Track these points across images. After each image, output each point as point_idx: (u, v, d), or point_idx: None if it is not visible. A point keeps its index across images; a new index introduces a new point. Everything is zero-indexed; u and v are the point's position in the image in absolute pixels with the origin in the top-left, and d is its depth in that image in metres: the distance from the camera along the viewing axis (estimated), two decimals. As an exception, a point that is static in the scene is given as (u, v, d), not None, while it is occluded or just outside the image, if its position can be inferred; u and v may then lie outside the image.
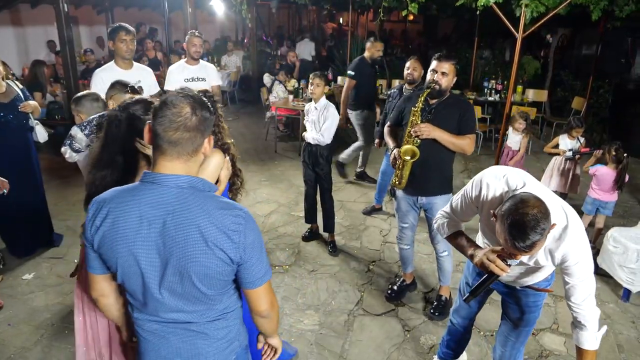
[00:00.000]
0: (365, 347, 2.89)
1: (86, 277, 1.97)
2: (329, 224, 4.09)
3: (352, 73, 5.22)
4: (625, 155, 3.95)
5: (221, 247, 1.22)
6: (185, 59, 4.35)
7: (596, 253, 3.68)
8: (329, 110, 3.73)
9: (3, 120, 3.38)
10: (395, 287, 3.39)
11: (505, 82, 7.64)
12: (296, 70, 8.78)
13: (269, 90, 7.67)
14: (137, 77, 3.44)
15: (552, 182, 4.70)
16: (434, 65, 2.78)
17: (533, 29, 5.15)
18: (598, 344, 1.78)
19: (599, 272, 3.62)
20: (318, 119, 3.77)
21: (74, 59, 5.45)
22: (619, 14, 5.69)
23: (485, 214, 1.88)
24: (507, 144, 4.99)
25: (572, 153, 4.52)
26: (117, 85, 2.69)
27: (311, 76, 3.79)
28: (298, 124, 7.11)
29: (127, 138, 1.78)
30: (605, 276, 3.60)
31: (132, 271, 1.26)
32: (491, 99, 7.61)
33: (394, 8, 8.02)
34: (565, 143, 4.59)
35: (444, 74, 2.74)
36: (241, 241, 1.25)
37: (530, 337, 2.28)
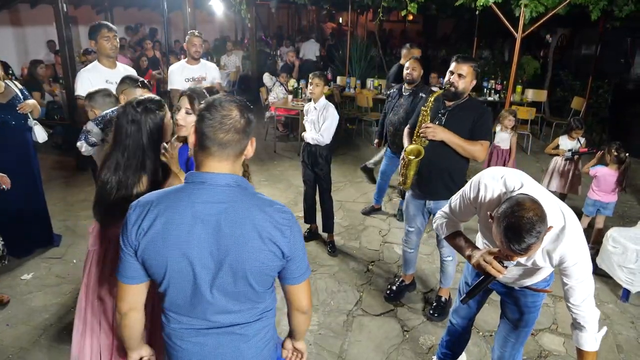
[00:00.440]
0: (364, 348, 2.89)
1: (91, 298, 1.98)
2: (328, 224, 4.08)
3: (391, 78, 4.96)
4: (627, 155, 3.95)
5: (275, 242, 1.26)
6: (186, 59, 4.35)
7: (595, 253, 3.68)
8: (328, 110, 3.73)
9: (1, 120, 3.37)
10: (394, 287, 3.39)
11: (505, 82, 7.65)
12: (295, 70, 8.78)
13: (269, 91, 7.66)
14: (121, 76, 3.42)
15: (552, 183, 4.69)
16: (452, 66, 2.72)
17: (532, 28, 5.16)
18: (598, 345, 1.77)
19: (598, 272, 3.62)
20: (317, 119, 3.76)
21: (73, 58, 5.45)
22: (619, 14, 5.69)
23: (483, 215, 1.88)
24: (495, 144, 4.88)
25: (571, 153, 4.52)
26: (127, 80, 2.74)
27: (310, 76, 3.78)
28: (297, 124, 7.11)
29: (145, 135, 1.80)
30: (604, 276, 3.59)
31: (182, 274, 1.25)
32: (490, 99, 7.61)
33: (393, 8, 8.03)
34: (565, 144, 4.59)
35: (460, 75, 2.67)
36: (291, 236, 1.29)
37: (529, 337, 2.28)
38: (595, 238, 4.12)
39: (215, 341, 1.33)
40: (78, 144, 2.79)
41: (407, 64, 4.16)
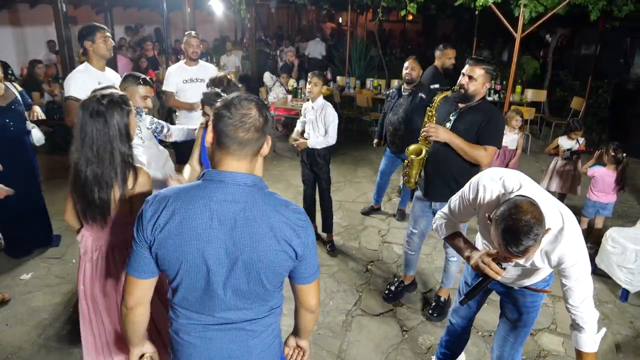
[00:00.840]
0: (364, 348, 2.89)
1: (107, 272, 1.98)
2: (328, 224, 4.09)
3: (437, 85, 4.62)
4: (625, 155, 3.94)
5: (290, 242, 1.27)
6: (184, 60, 4.34)
7: (595, 253, 3.68)
8: (326, 110, 3.72)
9: (1, 123, 3.35)
10: (392, 287, 3.39)
11: (504, 82, 7.64)
12: (295, 70, 8.78)
13: (268, 90, 7.66)
14: (112, 78, 3.39)
15: (551, 183, 4.69)
16: (465, 68, 2.70)
17: (532, 28, 5.15)
18: (597, 347, 1.77)
19: (597, 272, 3.62)
20: (316, 119, 3.75)
21: (73, 58, 5.45)
22: (618, 14, 5.69)
23: (482, 216, 1.88)
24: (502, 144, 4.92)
25: (569, 153, 4.53)
26: (130, 77, 2.73)
27: (309, 75, 3.78)
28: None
29: (112, 129, 1.77)
30: (603, 276, 3.60)
31: (196, 270, 1.26)
32: (490, 99, 7.61)
33: (393, 8, 8.03)
34: (565, 144, 4.59)
35: (471, 78, 2.64)
36: (305, 237, 1.31)
37: (528, 337, 2.28)
38: (594, 238, 4.13)
39: (223, 336, 1.34)
40: None
41: (406, 64, 4.17)
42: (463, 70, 2.70)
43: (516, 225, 1.50)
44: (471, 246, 1.95)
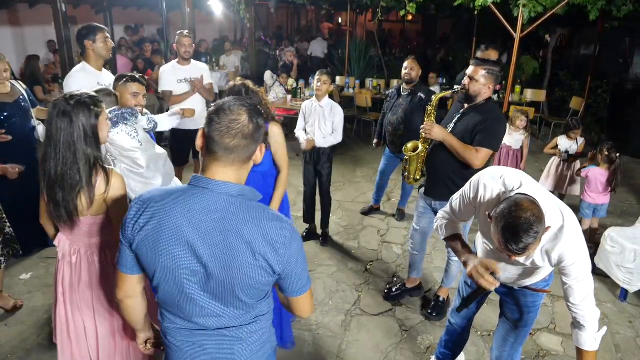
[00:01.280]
0: (363, 347, 2.89)
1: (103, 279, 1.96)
2: (326, 220, 4.16)
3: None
4: (618, 155, 3.93)
5: (267, 258, 1.22)
6: (177, 59, 4.29)
7: (593, 253, 3.68)
8: (336, 109, 3.80)
9: (9, 120, 3.40)
10: (393, 288, 3.39)
11: (504, 82, 7.65)
12: (294, 70, 8.78)
13: (268, 90, 7.65)
14: (108, 79, 3.39)
15: (549, 183, 4.69)
16: (468, 69, 2.71)
17: (531, 29, 5.16)
18: (598, 345, 1.77)
19: (596, 272, 3.61)
20: (325, 117, 3.79)
21: (72, 58, 5.45)
22: (617, 14, 5.70)
23: (482, 215, 1.89)
24: (505, 144, 4.84)
25: (567, 155, 4.52)
26: (119, 77, 2.72)
27: (319, 73, 3.81)
28: (296, 124, 7.10)
29: (76, 131, 1.74)
30: (602, 276, 3.60)
31: (170, 276, 1.24)
32: (490, 99, 7.61)
33: (392, 8, 8.02)
34: (564, 144, 4.59)
35: (472, 79, 2.65)
36: (286, 254, 1.24)
37: (527, 337, 2.29)
38: (591, 238, 4.13)
39: (208, 341, 1.32)
40: None
41: (405, 64, 4.17)
42: (466, 71, 2.72)
43: (516, 223, 1.51)
44: (468, 250, 1.96)
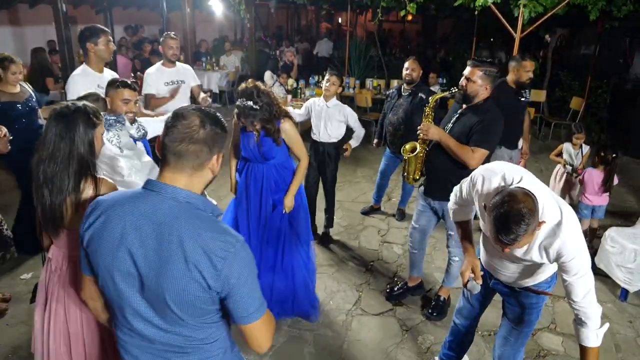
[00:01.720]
0: (364, 347, 2.90)
1: (72, 281, 1.95)
2: (331, 220, 4.20)
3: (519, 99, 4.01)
4: (614, 157, 3.91)
5: (200, 269, 1.15)
6: (162, 62, 4.21)
7: (593, 254, 3.67)
8: (346, 110, 3.91)
9: (18, 119, 3.50)
10: (395, 287, 3.39)
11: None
12: (294, 70, 8.78)
13: (268, 90, 7.65)
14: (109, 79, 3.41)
15: (555, 188, 4.63)
16: (465, 70, 2.72)
17: (531, 29, 5.17)
18: (600, 341, 1.77)
19: (596, 272, 3.62)
20: (331, 117, 3.84)
21: (73, 59, 5.45)
22: (617, 14, 5.71)
23: (480, 206, 1.93)
24: None
25: (571, 168, 4.46)
26: (110, 82, 2.68)
27: (328, 73, 3.84)
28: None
29: (76, 139, 1.74)
30: (602, 276, 3.60)
31: (110, 278, 1.23)
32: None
33: (392, 8, 8.03)
34: (569, 152, 4.45)
35: (469, 80, 2.66)
36: (224, 270, 1.16)
37: (529, 337, 2.29)
38: (591, 240, 4.12)
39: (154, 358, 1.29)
40: None
41: (406, 64, 4.17)
42: (464, 72, 2.74)
43: (508, 214, 1.54)
44: (466, 244, 2.11)
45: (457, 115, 2.79)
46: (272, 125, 2.68)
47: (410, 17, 6.09)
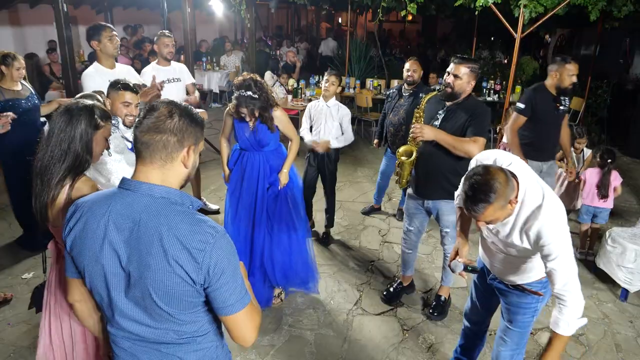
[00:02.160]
0: (364, 347, 2.90)
1: (59, 280, 1.95)
2: (332, 219, 4.21)
3: (522, 106, 3.54)
4: (609, 162, 3.88)
5: (182, 264, 1.15)
6: (157, 60, 4.22)
7: (593, 259, 3.68)
8: (344, 111, 3.89)
9: (22, 116, 3.53)
10: (391, 289, 3.39)
11: (504, 82, 7.66)
12: (296, 71, 8.79)
13: (268, 90, 7.65)
14: (123, 73, 3.42)
15: (559, 193, 4.59)
16: (449, 67, 2.74)
17: (531, 29, 5.16)
18: (570, 332, 1.73)
19: (597, 272, 3.63)
20: (333, 117, 3.85)
21: (73, 59, 5.45)
22: (617, 14, 5.70)
23: None
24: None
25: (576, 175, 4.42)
26: (112, 84, 2.66)
27: (327, 73, 3.86)
28: (297, 124, 7.10)
29: (78, 132, 1.75)
30: (603, 276, 3.60)
31: (97, 278, 1.23)
32: (490, 99, 7.63)
33: (392, 8, 8.02)
34: (571, 157, 4.42)
35: (456, 76, 2.68)
36: (205, 262, 1.15)
37: (527, 338, 2.29)
38: (592, 243, 4.09)
39: (145, 356, 1.29)
40: None
41: (407, 65, 4.17)
42: (448, 69, 2.76)
43: (477, 184, 1.61)
44: (460, 231, 2.24)
45: (445, 113, 2.79)
46: (268, 113, 2.96)
47: (410, 18, 6.08)
